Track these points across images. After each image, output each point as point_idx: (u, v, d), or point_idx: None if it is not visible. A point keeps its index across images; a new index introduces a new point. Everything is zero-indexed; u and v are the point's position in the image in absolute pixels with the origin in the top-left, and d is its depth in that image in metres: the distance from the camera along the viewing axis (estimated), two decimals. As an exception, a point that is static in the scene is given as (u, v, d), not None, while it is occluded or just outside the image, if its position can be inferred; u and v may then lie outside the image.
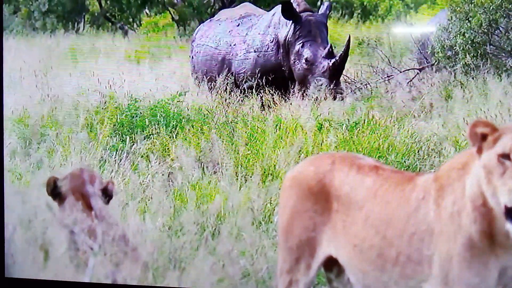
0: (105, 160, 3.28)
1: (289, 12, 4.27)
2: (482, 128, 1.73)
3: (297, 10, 4.36)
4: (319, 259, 1.91)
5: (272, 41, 4.45)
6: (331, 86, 4.10)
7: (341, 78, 4.48)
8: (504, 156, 1.67)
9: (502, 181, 1.65)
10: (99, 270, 2.27)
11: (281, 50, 4.40)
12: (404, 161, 3.32)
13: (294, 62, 4.31)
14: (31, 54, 4.58)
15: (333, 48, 4.22)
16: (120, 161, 3.29)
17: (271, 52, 4.43)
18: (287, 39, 4.36)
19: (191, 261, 2.44)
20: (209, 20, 4.92)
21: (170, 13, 5.10)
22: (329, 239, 1.86)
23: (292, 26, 4.32)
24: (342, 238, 1.83)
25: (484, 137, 1.73)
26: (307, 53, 4.23)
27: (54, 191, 2.44)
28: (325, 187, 1.86)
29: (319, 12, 4.36)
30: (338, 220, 1.83)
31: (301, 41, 4.27)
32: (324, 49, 4.21)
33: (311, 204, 1.88)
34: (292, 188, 1.95)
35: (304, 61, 4.25)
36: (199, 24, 4.93)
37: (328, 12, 4.34)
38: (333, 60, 4.13)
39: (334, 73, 4.14)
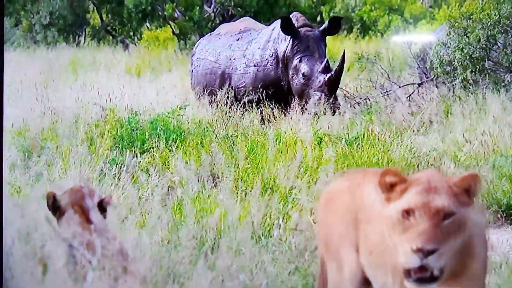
0: (105, 174, 3.28)
1: (288, 28, 4.32)
2: (391, 178, 1.65)
3: (296, 25, 4.40)
4: (359, 269, 1.92)
5: (271, 56, 4.48)
6: (328, 100, 4.13)
7: (341, 93, 4.51)
8: (409, 211, 1.58)
9: (403, 238, 1.56)
10: (97, 284, 2.25)
11: (280, 65, 4.43)
12: (404, 176, 3.32)
13: (292, 76, 4.35)
14: (32, 67, 4.61)
15: (329, 63, 4.26)
16: (120, 174, 3.28)
17: (270, 66, 4.47)
18: (285, 53, 4.40)
19: (190, 276, 2.43)
20: (209, 34, 4.96)
21: (171, 27, 5.14)
22: (359, 249, 1.89)
23: (291, 41, 4.37)
24: (363, 246, 1.85)
25: (393, 186, 1.65)
26: (304, 68, 4.27)
27: (53, 205, 2.44)
28: (355, 199, 1.89)
29: (320, 29, 4.40)
30: (361, 229, 1.85)
31: (299, 56, 4.31)
32: (321, 64, 4.24)
33: (346, 216, 1.90)
34: (330, 202, 1.98)
35: (301, 75, 4.28)
36: (200, 38, 4.97)
37: (330, 27, 4.37)
38: (328, 75, 4.17)
39: (330, 88, 4.17)
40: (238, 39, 4.70)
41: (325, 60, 4.25)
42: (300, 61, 4.32)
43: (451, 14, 4.24)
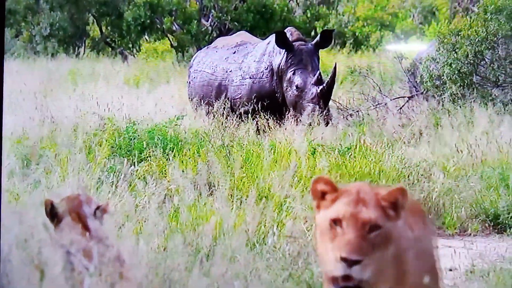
0: (103, 182, 3.32)
1: (282, 42, 4.45)
2: (322, 186, 1.65)
3: (291, 39, 4.53)
4: None
5: (266, 68, 4.59)
6: (320, 111, 4.23)
7: (334, 105, 4.62)
8: (337, 221, 1.58)
9: (330, 246, 1.57)
10: None
11: (275, 77, 4.54)
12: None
13: (286, 88, 4.46)
14: (32, 77, 4.67)
15: (322, 75, 4.37)
16: (117, 182, 3.33)
17: (265, 78, 4.57)
18: (280, 66, 4.52)
19: (186, 282, 2.46)
20: (206, 47, 5.07)
21: (169, 40, 5.24)
22: None
23: (285, 54, 4.49)
24: None
25: (324, 194, 1.65)
26: (297, 80, 4.38)
27: (51, 212, 2.47)
28: None
29: (313, 42, 4.53)
30: None
31: (292, 69, 4.43)
32: (314, 76, 4.36)
33: None
34: None
35: (295, 87, 4.40)
36: (197, 51, 5.08)
37: (322, 41, 4.49)
38: (320, 87, 4.28)
39: (323, 99, 4.28)
40: (234, 52, 4.81)
41: (318, 72, 4.36)
42: (293, 73, 4.43)
43: (440, 31, 4.38)
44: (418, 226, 1.71)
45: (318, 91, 4.30)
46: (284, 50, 4.51)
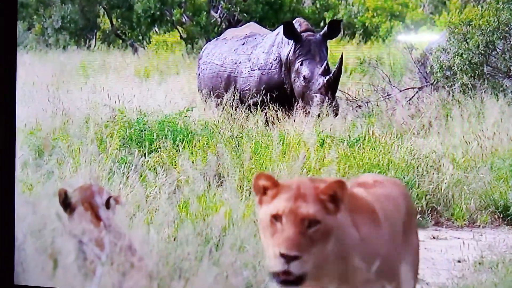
0: (114, 172, 3.37)
1: (290, 32, 4.43)
2: (264, 181, 1.65)
3: (299, 30, 4.52)
4: None
5: (275, 60, 4.59)
6: (327, 102, 4.23)
7: (343, 96, 4.59)
8: (277, 217, 1.58)
9: (270, 242, 1.57)
10: (106, 279, 2.33)
11: (283, 68, 4.54)
12: (403, 177, 3.40)
13: (294, 79, 4.45)
14: (44, 69, 4.72)
15: (329, 66, 4.36)
16: (128, 173, 3.37)
17: (274, 70, 4.57)
18: (288, 57, 4.51)
19: (195, 272, 2.50)
20: (215, 39, 5.07)
21: (179, 32, 5.25)
22: None
23: (293, 45, 4.48)
24: None
25: (266, 190, 1.65)
26: (305, 70, 4.37)
27: (65, 202, 2.52)
28: None
29: (321, 33, 4.51)
30: None
31: (300, 60, 4.42)
32: (321, 66, 4.34)
33: None
34: None
35: (302, 78, 4.39)
36: (206, 43, 5.09)
37: (331, 31, 4.47)
38: (327, 77, 4.27)
39: (329, 89, 4.27)
40: (243, 44, 4.81)
41: (325, 62, 4.35)
42: (301, 64, 4.43)
43: (451, 21, 4.32)
44: (366, 226, 1.69)
45: (325, 81, 4.29)
46: (292, 41, 4.50)
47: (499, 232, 3.28)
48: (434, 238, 3.25)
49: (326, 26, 4.54)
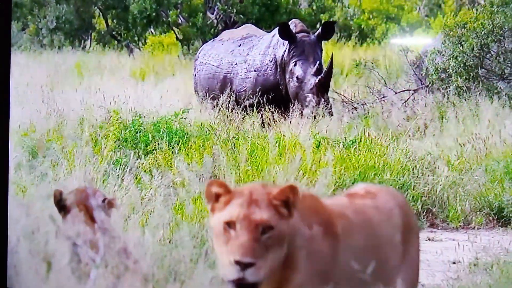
0: (109, 174, 3.36)
1: (285, 33, 4.45)
2: (216, 188, 1.63)
3: (294, 31, 4.53)
4: None
5: (271, 61, 4.60)
6: (319, 102, 4.25)
7: (339, 98, 4.61)
8: (230, 223, 1.56)
9: (224, 250, 1.55)
10: (100, 282, 2.31)
11: (279, 70, 4.56)
12: (399, 179, 3.41)
13: (289, 80, 4.47)
14: (39, 70, 4.70)
15: (322, 66, 4.37)
16: (124, 175, 3.36)
17: (270, 71, 4.58)
18: (283, 58, 4.53)
19: (191, 274, 2.49)
20: (212, 40, 5.08)
21: (175, 33, 5.25)
22: None
23: (288, 46, 4.49)
24: None
25: (218, 197, 1.63)
26: (298, 71, 4.39)
27: (59, 203, 2.50)
28: None
29: (316, 34, 4.53)
30: None
31: (294, 60, 4.44)
32: (314, 67, 4.36)
33: None
34: None
35: (295, 79, 4.41)
36: (203, 44, 5.09)
37: (325, 33, 4.48)
38: (319, 77, 4.29)
39: (320, 90, 4.28)
40: (240, 45, 4.82)
41: (317, 63, 4.36)
42: (295, 65, 4.44)
43: (446, 23, 4.35)
44: (316, 228, 1.67)
45: (317, 81, 4.31)
46: (287, 42, 4.52)
47: (493, 233, 3.30)
48: (429, 239, 3.26)
49: (321, 27, 4.55)
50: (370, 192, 1.88)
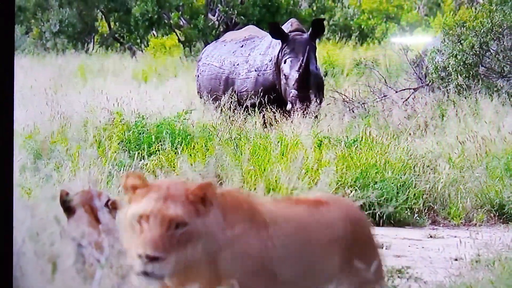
0: (113, 176, 3.38)
1: (276, 33, 4.48)
2: (133, 180, 1.59)
3: (290, 29, 4.56)
4: None
5: (270, 61, 4.64)
6: (303, 98, 4.27)
7: (340, 97, 4.64)
8: (143, 216, 1.53)
9: (133, 242, 1.53)
10: (105, 282, 2.33)
11: (275, 69, 4.59)
12: (400, 177, 3.43)
13: (281, 78, 4.52)
14: (42, 73, 4.74)
15: (308, 62, 4.37)
16: (128, 176, 3.37)
17: (269, 71, 4.62)
18: (278, 57, 4.56)
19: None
20: (215, 41, 5.12)
21: (177, 35, 5.29)
22: None
23: (281, 45, 4.53)
24: None
25: (135, 189, 1.59)
26: (285, 68, 4.43)
27: (65, 203, 2.53)
28: None
29: (308, 32, 4.55)
30: None
31: (285, 58, 4.47)
32: (298, 63, 4.38)
33: None
34: None
35: (283, 76, 4.45)
36: (204, 46, 5.13)
37: (315, 31, 4.50)
38: (298, 72, 4.31)
39: (300, 85, 4.31)
40: (242, 46, 4.86)
41: (301, 59, 4.37)
42: (284, 62, 4.48)
43: (445, 22, 4.37)
44: (241, 225, 1.64)
45: (296, 76, 4.33)
46: (280, 41, 4.55)
47: (495, 230, 3.31)
48: (431, 237, 3.28)
49: (311, 25, 4.57)
50: (320, 202, 1.88)
